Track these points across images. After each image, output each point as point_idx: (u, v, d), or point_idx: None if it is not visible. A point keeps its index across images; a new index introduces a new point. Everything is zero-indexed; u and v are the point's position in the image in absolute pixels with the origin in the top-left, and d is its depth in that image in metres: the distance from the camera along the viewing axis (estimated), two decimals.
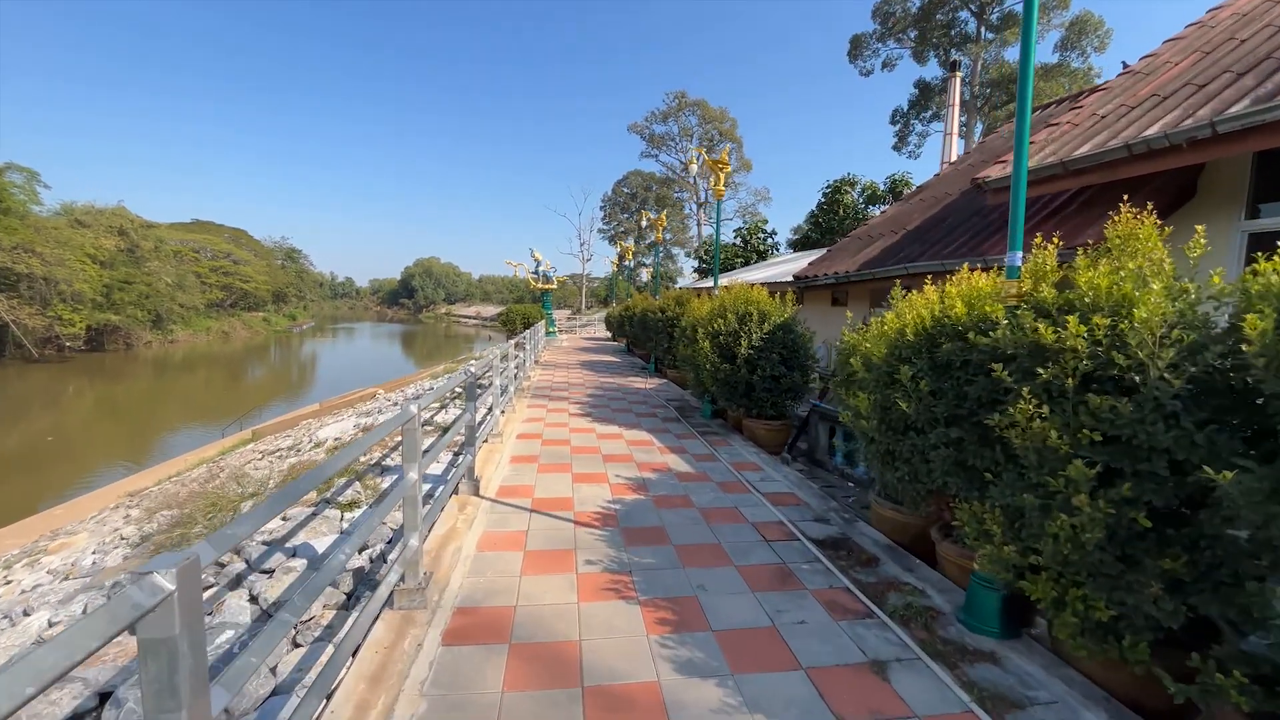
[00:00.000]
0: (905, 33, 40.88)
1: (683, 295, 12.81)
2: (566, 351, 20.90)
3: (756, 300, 7.45)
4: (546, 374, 14.22)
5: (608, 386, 12.20)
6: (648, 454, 6.77)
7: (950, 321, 3.24)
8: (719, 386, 7.60)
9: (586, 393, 11.24)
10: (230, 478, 6.03)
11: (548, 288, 24.80)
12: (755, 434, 7.58)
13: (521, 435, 7.50)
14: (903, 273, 7.12)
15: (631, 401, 10.31)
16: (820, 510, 5.06)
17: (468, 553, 4.00)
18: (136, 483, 12.43)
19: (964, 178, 9.10)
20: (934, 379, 3.21)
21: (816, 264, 9.55)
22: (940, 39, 39.63)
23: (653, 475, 5.94)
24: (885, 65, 43.05)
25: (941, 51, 40.16)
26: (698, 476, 5.97)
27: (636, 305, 16.43)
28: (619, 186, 66.27)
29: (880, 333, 3.75)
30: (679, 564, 3.93)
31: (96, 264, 45.76)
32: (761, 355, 7.21)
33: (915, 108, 42.00)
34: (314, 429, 9.93)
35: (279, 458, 9.00)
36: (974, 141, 38.60)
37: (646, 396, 10.95)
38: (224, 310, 61.17)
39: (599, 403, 10.11)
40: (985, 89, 39.40)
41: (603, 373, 14.71)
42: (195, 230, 65.28)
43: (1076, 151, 5.17)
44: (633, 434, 7.75)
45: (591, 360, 17.88)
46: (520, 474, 5.88)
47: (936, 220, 7.95)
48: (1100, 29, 35.77)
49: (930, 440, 3.17)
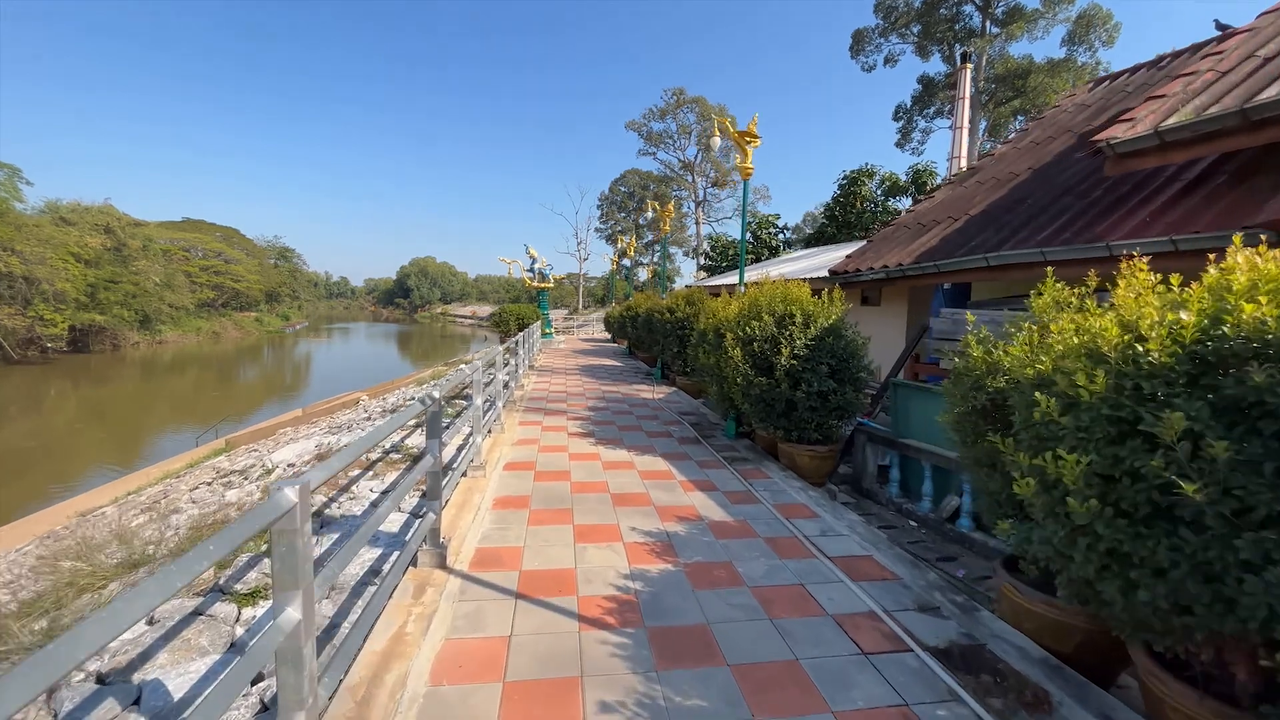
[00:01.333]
0: (908, 27, 39.50)
1: (694, 294, 11.34)
2: (564, 355, 19.30)
3: (798, 298, 5.98)
4: (543, 381, 12.72)
5: (611, 397, 10.71)
6: (668, 492, 5.30)
7: (1250, 328, 1.79)
8: (752, 404, 6.13)
9: (588, 405, 9.76)
10: (114, 535, 4.55)
11: (544, 286, 23.01)
12: (795, 461, 6.12)
13: (511, 465, 6.01)
14: (982, 264, 5.69)
15: (640, 416, 8.82)
16: (920, 590, 3.60)
17: (416, 689, 2.52)
18: (90, 501, 10.95)
19: (1031, 155, 7.68)
20: (1221, 430, 1.76)
21: (857, 257, 8.11)
22: (944, 33, 38.28)
23: (679, 527, 4.47)
24: (888, 61, 41.69)
25: (945, 46, 38.84)
26: (738, 528, 4.50)
27: (640, 305, 14.93)
28: (616, 185, 64.75)
29: (1076, 347, 2.27)
30: (743, 706, 2.47)
31: (81, 263, 44.10)
32: (806, 366, 5.75)
33: (918, 103, 40.69)
34: (269, 451, 8.42)
35: (227, 485, 7.49)
36: (978, 138, 37.30)
37: (656, 410, 9.47)
38: (215, 310, 59.37)
39: (603, 418, 8.63)
40: (990, 84, 38.07)
41: (605, 379, 13.22)
42: (186, 229, 63.41)
43: (1263, 94, 3.72)
44: (646, 461, 6.28)
45: (592, 365, 16.33)
46: (506, 527, 4.40)
47: (1013, 201, 6.52)
48: (1108, 22, 34.51)
49: (1237, 548, 1.71)
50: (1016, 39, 35.98)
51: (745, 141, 7.94)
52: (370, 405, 14.05)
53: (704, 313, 9.72)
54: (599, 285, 66.58)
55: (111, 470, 14.85)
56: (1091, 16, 34.55)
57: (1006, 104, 38.33)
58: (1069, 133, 7.48)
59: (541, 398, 10.41)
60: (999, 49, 38.24)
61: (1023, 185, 6.79)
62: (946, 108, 39.83)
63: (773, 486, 5.60)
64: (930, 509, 5.92)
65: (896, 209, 22.35)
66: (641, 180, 61.52)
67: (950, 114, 40.26)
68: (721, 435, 7.56)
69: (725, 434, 7.51)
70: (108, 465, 15.85)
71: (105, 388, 30.02)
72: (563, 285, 75.08)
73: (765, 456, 6.67)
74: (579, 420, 8.38)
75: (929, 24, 38.05)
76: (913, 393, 6.22)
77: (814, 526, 4.59)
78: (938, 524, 5.71)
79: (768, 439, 6.66)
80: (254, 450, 10.34)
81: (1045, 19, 36.04)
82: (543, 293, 23.15)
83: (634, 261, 39.84)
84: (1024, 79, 36.78)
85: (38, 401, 25.45)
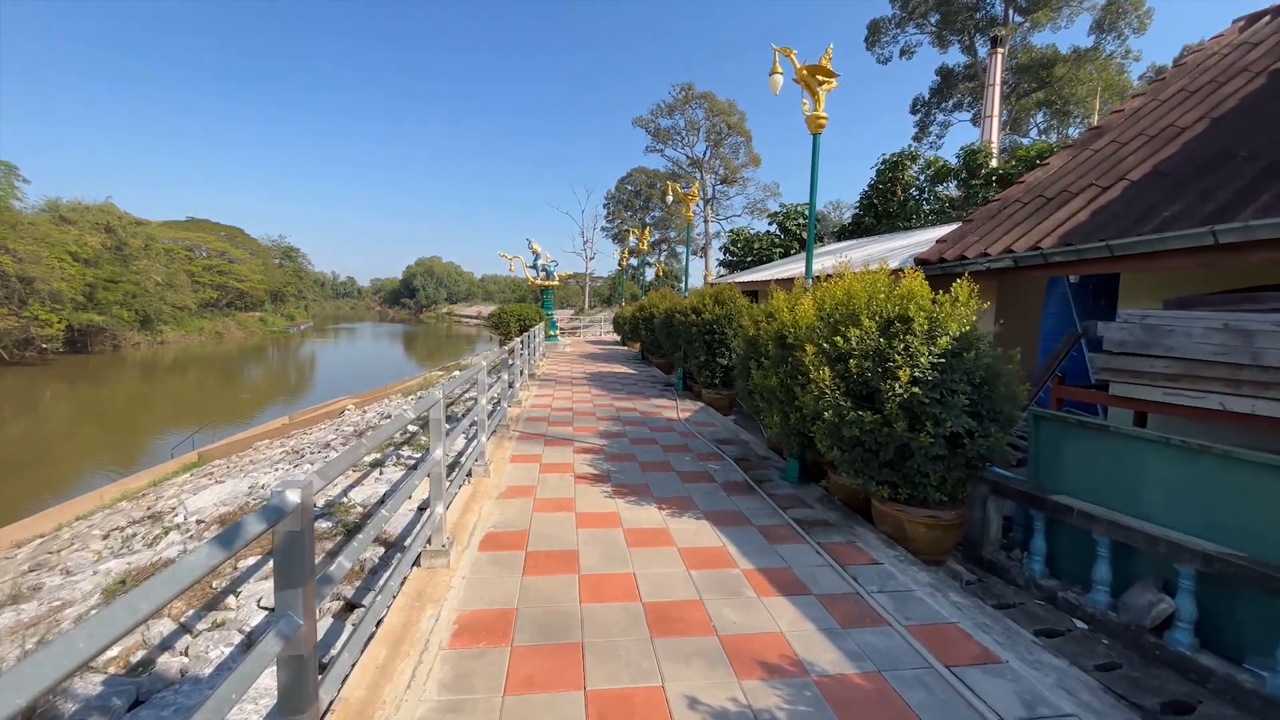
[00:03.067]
0: (926, 17, 37.30)
1: (724, 292, 9.34)
2: (570, 360, 17.24)
3: (916, 295, 3.97)
4: (545, 393, 10.71)
5: (627, 416, 8.69)
6: (733, 599, 3.29)
7: None
8: (845, 448, 4.11)
9: (599, 429, 7.74)
10: None
11: (549, 285, 20.55)
12: (902, 529, 4.12)
13: (491, 538, 4.02)
14: (1203, 242, 3.69)
15: (667, 447, 6.80)
16: None
17: None
18: (37, 526, 9.17)
19: (1192, 105, 5.65)
20: None
21: (956, 241, 6.05)
22: (964, 22, 36.07)
23: (770, 695, 2.48)
24: (904, 53, 39.52)
25: (966, 36, 36.64)
26: (870, 695, 2.50)
27: (657, 306, 12.88)
28: (622, 184, 62.72)
29: None
30: None
31: (79, 262, 42.62)
32: (934, 396, 3.73)
33: (937, 95, 38.49)
34: (186, 495, 6.46)
35: (125, 543, 5.54)
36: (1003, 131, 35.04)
37: (685, 435, 7.46)
38: (218, 310, 57.82)
39: (619, 449, 6.62)
40: (1012, 76, 35.82)
41: (617, 391, 11.21)
42: (189, 228, 61.83)
43: None
44: (686, 529, 4.28)
45: (601, 373, 14.22)
46: (466, 701, 2.41)
47: (1207, 158, 4.50)
48: (1140, 8, 32.24)
49: None
50: (1042, 27, 33.71)
51: (818, 82, 6.01)
52: (352, 417, 12.13)
53: (742, 314, 7.70)
54: (605, 285, 64.66)
55: (83, 483, 12.99)
56: (1122, 2, 32.29)
57: (1030, 95, 36.13)
58: (1246, 72, 5.48)
59: (542, 417, 8.40)
60: (1021, 38, 36.05)
61: (1213, 136, 4.78)
62: (966, 100, 37.65)
63: (885, 577, 3.60)
64: (1107, 604, 3.89)
65: (948, 195, 20.08)
66: (648, 179, 59.45)
67: (970, 107, 38.06)
68: (778, 477, 5.56)
69: (785, 476, 5.51)
70: (88, 473, 14.02)
71: (98, 389, 28.20)
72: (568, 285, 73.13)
73: (851, 516, 4.66)
74: (589, 453, 6.37)
75: (948, 13, 35.85)
76: (1069, 430, 4.20)
77: (1003, 688, 2.58)
78: (1133, 633, 3.68)
79: (849, 489, 4.66)
80: (183, 490, 8.38)
81: (1071, 6, 33.78)
82: (547, 291, 20.81)
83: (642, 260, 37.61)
84: (1049, 69, 34.55)
85: (28, 404, 23.67)
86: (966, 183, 18.55)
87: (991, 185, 18.09)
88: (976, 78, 36.60)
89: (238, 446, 13.29)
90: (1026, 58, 35.25)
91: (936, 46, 38.25)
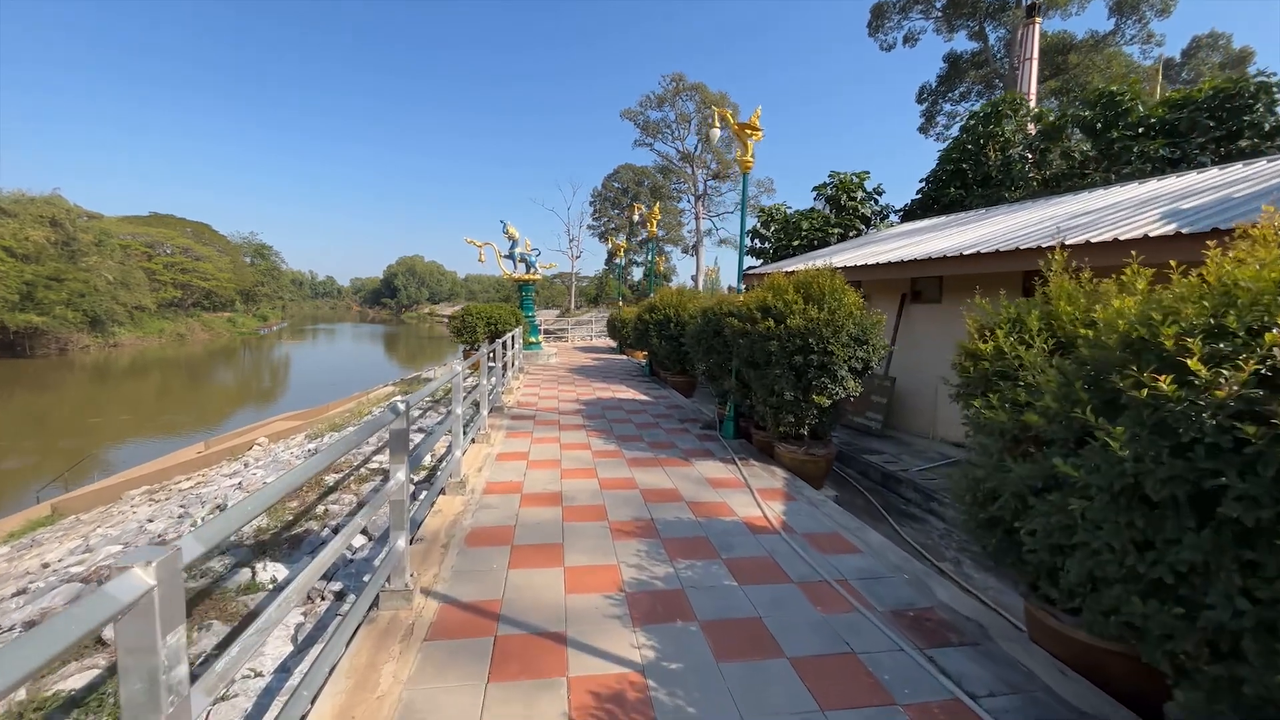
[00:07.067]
0: (931, 1, 34.41)
1: (816, 282, 5.79)
2: (557, 377, 12.71)
3: None
4: (517, 444, 6.75)
5: (671, 524, 4.26)
6: None
7: None
8: None
9: (622, 537, 4.25)
10: None
11: (529, 279, 15.55)
12: None
13: None
14: None
15: (791, 630, 3.25)
16: None
17: None
18: None
19: None
20: None
21: None
22: (973, 6, 33.22)
23: None
24: (907, 40, 36.59)
25: (975, 21, 33.81)
26: None
27: (681, 306, 9.32)
28: (609, 181, 59.17)
29: None
30: None
31: (14, 258, 37.97)
32: None
33: (944, 84, 35.61)
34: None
35: None
36: None
37: (820, 593, 4.04)
38: (182, 310, 53.05)
39: (675, 643, 3.17)
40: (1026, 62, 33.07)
41: (632, 443, 6.88)
42: (151, 223, 56.87)
43: None
44: None
45: (600, 399, 10.01)
46: None
47: None
48: None
49: None
50: (1061, 7, 30.92)
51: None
52: (275, 447, 8.59)
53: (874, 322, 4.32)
54: (591, 284, 61.07)
55: None
56: None
57: (1043, 84, 33.38)
58: None
59: (503, 521, 4.27)
60: None
61: None
62: (976, 88, 34.86)
63: None
64: None
65: (1074, 153, 15.10)
66: (636, 175, 55.98)
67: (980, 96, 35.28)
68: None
69: None
70: None
71: (36, 396, 23.55)
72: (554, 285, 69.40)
73: None
74: (612, 649, 2.93)
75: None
76: None
77: None
78: None
79: None
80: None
81: None
82: (527, 287, 15.80)
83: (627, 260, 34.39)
84: (1064, 56, 31.88)
85: None
86: (1105, 135, 14.18)
87: (1150, 136, 13.49)
88: (987, 64, 33.84)
89: (107, 495, 9.66)
90: (1042, 43, 32.54)
91: (941, 33, 35.42)
